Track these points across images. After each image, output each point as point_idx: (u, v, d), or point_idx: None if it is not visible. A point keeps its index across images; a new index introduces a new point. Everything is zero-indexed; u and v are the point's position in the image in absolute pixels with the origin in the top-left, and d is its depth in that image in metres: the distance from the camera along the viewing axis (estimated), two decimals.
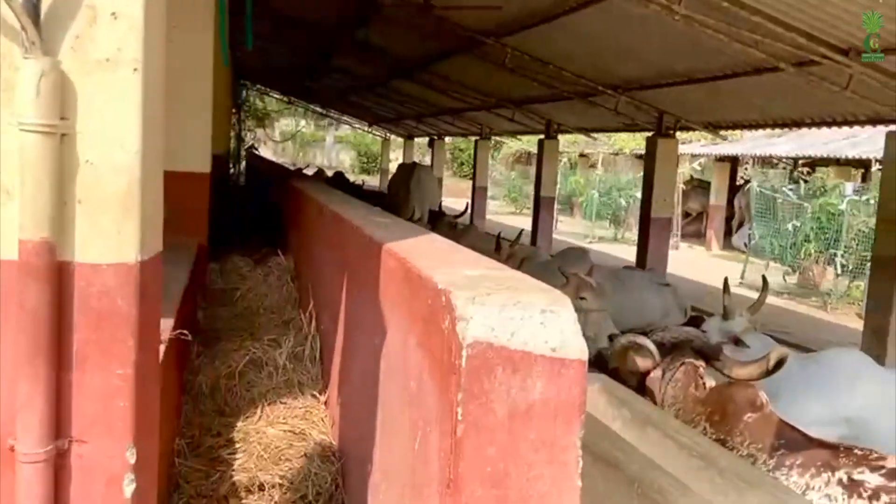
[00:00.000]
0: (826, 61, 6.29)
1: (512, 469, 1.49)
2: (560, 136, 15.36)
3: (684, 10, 6.18)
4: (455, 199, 24.11)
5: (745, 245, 14.78)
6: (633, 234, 20.15)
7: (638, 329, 5.95)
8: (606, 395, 3.32)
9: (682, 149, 22.97)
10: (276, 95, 28.84)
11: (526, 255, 8.85)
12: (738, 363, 3.81)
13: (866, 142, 13.78)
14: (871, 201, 12.02)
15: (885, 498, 2.99)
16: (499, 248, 8.78)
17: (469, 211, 15.41)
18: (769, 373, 3.86)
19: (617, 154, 23.57)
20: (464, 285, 1.67)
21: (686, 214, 21.16)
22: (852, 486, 3.04)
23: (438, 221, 10.62)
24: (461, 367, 1.48)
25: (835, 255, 12.57)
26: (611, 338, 5.60)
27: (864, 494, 3.01)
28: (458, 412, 1.47)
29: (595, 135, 16.19)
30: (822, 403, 4.89)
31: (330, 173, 18.34)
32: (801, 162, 18.26)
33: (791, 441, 3.33)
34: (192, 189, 5.52)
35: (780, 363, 3.79)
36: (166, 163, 2.02)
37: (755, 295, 7.29)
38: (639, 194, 20.93)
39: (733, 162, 19.67)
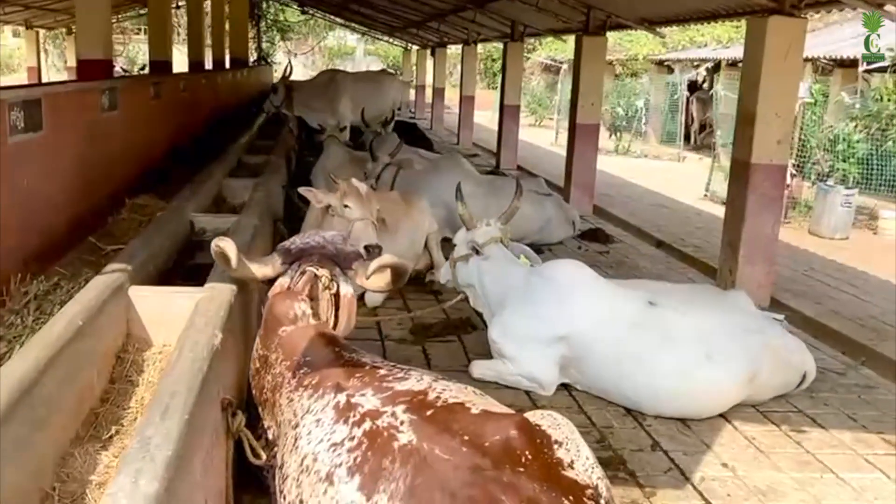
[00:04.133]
0: None
1: None
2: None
3: None
4: (485, 112, 23.73)
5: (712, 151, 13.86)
6: (639, 146, 19.55)
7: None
8: None
9: (684, 54, 21.80)
10: (293, 5, 28.40)
11: (403, 163, 8.48)
12: (364, 271, 3.46)
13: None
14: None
15: (367, 424, 2.63)
16: (374, 158, 8.48)
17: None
18: (392, 284, 3.55)
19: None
20: None
21: (702, 126, 20.22)
22: (343, 410, 2.68)
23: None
24: None
25: (801, 163, 11.62)
26: (367, 248, 5.34)
27: (351, 419, 2.65)
28: None
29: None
30: (538, 320, 4.57)
31: None
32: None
33: (317, 358, 2.98)
34: None
35: (397, 272, 3.47)
36: None
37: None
38: (640, 103, 20.15)
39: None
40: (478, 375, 4.80)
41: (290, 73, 14.95)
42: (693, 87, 21.03)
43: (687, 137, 19.99)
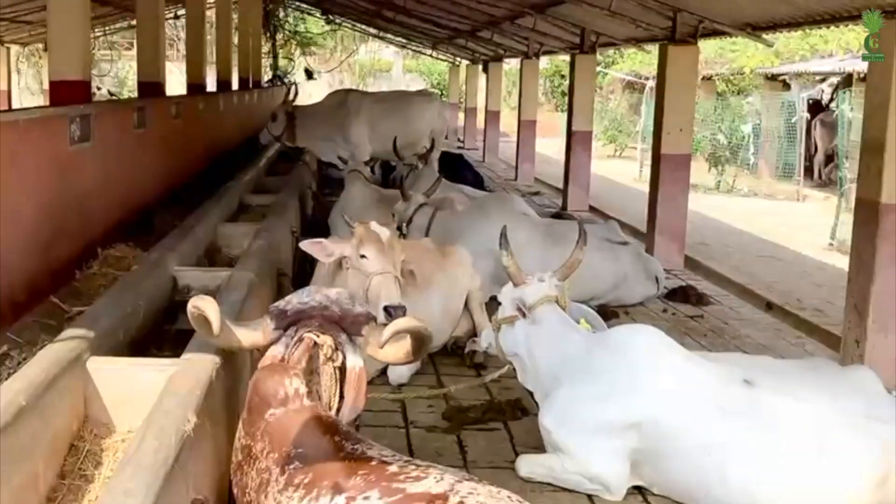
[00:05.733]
0: None
1: None
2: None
3: None
4: (550, 139, 23.86)
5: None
6: (747, 181, 19.42)
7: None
8: None
9: (804, 66, 21.67)
10: (315, 14, 29.11)
11: (442, 204, 8.56)
12: (377, 338, 3.49)
13: None
14: None
15: None
16: (406, 197, 8.60)
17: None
18: (412, 355, 3.57)
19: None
20: None
21: (828, 158, 20.05)
22: None
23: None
24: None
25: None
26: (387, 310, 5.39)
27: None
28: None
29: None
30: (604, 403, 4.52)
31: None
32: None
33: (311, 449, 3.00)
34: None
35: (419, 339, 3.49)
36: None
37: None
38: (747, 128, 20.08)
39: None
40: (526, 474, 4.74)
41: (295, 96, 15.14)
42: (816, 107, 20.88)
43: (808, 171, 19.79)
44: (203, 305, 3.26)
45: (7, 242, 6.11)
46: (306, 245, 5.68)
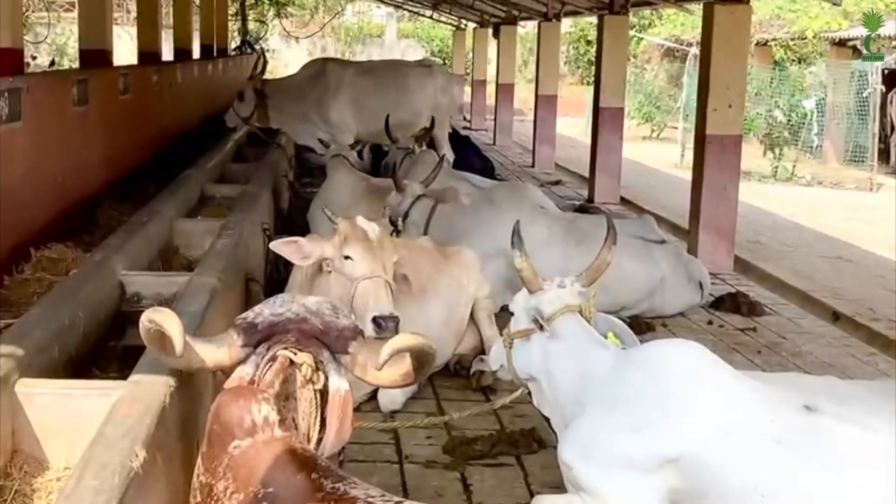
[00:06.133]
0: None
1: None
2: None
3: None
4: (574, 118, 23.88)
5: None
6: (810, 168, 19.41)
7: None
8: None
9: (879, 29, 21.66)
10: None
11: (443, 195, 8.57)
12: (371, 357, 3.51)
13: None
14: None
15: None
16: (400, 188, 8.63)
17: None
18: (413, 376, 3.59)
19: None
20: None
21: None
22: None
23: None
24: None
25: None
26: (376, 321, 5.43)
27: None
28: None
29: None
30: (634, 434, 4.51)
31: None
32: None
33: (284, 489, 2.99)
34: None
35: (421, 359, 3.50)
36: None
37: None
38: (810, 104, 20.11)
39: None
40: None
41: (263, 68, 14.99)
42: (893, 78, 20.86)
43: (883, 154, 19.76)
44: (162, 320, 3.25)
45: None
46: (279, 245, 5.66)
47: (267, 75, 15.43)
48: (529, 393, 5.21)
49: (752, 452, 4.40)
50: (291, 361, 3.28)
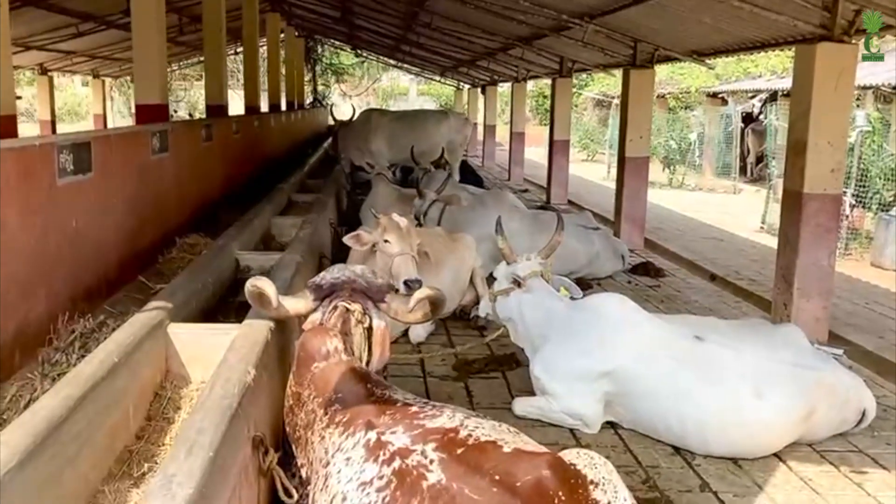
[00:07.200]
0: None
1: None
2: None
3: None
4: (536, 147, 23.71)
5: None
6: (694, 178, 19.26)
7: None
8: None
9: (738, 86, 21.50)
10: (346, 49, 28.99)
11: (450, 199, 8.48)
12: (401, 304, 3.44)
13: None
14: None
15: (397, 462, 2.57)
16: (421, 195, 8.52)
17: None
18: (430, 315, 3.52)
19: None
20: None
21: (758, 158, 19.92)
22: (374, 449, 2.64)
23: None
24: None
25: (862, 193, 11.25)
26: (406, 283, 5.34)
27: (381, 458, 2.60)
28: None
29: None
30: (582, 356, 4.48)
31: None
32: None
33: (348, 394, 2.95)
34: None
35: (436, 304, 3.44)
36: None
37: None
38: (693, 135, 19.92)
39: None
40: (520, 412, 4.70)
41: (352, 116, 15.05)
42: (748, 118, 20.71)
43: (743, 169, 19.64)
44: (262, 284, 3.24)
45: (104, 233, 6.10)
46: (348, 239, 5.59)
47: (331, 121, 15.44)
48: (508, 331, 5.19)
49: (660, 368, 4.37)
50: (347, 309, 3.25)
